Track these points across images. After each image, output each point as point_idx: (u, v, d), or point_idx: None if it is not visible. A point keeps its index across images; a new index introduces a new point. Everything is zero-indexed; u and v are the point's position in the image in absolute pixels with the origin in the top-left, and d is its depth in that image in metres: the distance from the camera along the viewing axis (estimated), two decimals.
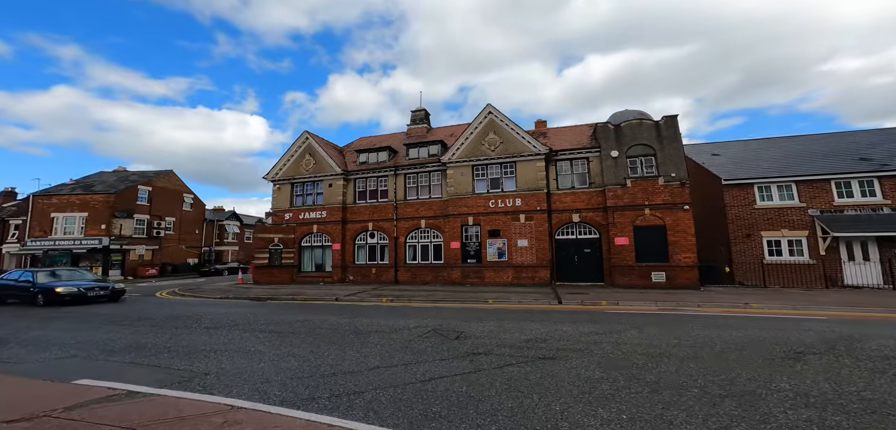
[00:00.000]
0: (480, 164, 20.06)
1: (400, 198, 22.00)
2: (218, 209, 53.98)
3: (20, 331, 8.47)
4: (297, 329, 7.95)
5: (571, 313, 9.78)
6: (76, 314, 10.90)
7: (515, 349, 6.04)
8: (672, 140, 15.88)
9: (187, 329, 8.11)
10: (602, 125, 17.55)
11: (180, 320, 9.42)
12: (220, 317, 9.72)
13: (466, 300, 12.92)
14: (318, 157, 23.65)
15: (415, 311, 10.64)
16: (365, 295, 15.23)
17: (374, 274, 21.84)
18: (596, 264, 17.41)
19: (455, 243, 19.93)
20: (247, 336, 7.31)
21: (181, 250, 41.66)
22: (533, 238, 18.26)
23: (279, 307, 12.06)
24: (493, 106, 19.94)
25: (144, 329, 8.19)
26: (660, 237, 15.49)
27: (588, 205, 17.65)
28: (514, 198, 18.92)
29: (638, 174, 16.43)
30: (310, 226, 23.26)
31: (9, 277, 14.90)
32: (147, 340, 7.14)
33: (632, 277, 15.66)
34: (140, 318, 9.83)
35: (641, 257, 15.65)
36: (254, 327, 8.16)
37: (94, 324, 9.12)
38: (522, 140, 19.12)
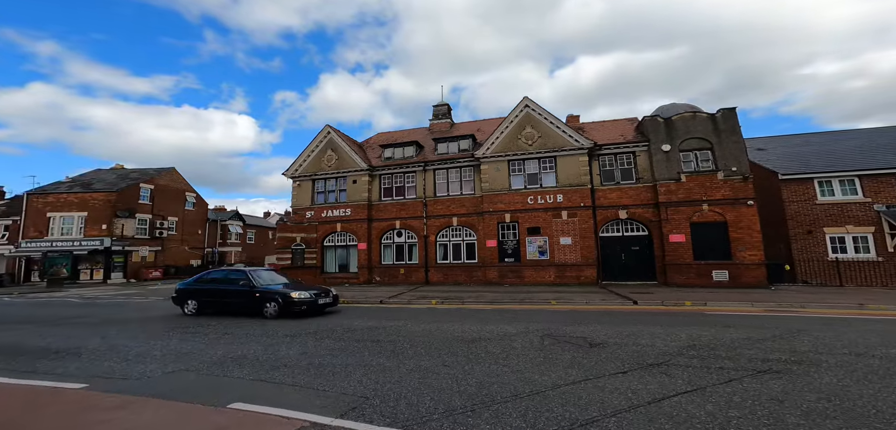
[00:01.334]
0: (517, 158, 19.10)
1: (429, 194, 20.95)
2: (219, 209, 52.29)
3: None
4: (385, 337, 6.89)
5: (669, 314, 8.83)
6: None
7: (705, 359, 5.06)
8: (731, 133, 15.09)
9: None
10: (650, 119, 16.71)
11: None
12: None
13: (524, 301, 11.95)
14: (341, 152, 22.49)
15: (483, 314, 9.62)
16: (407, 297, 14.16)
17: (402, 275, 20.75)
18: (645, 263, 16.55)
19: (491, 242, 18.94)
20: (349, 347, 6.23)
21: (184, 252, 40.08)
22: (577, 236, 17.35)
23: (335, 313, 10.96)
24: (530, 98, 19.00)
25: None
26: (720, 234, 14.68)
27: (636, 201, 16.79)
28: (555, 194, 17.99)
29: (693, 169, 15.62)
30: (333, 224, 22.08)
31: (211, 275, 11.58)
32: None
33: (689, 275, 14.83)
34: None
35: (699, 254, 14.83)
36: (341, 336, 7.08)
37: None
38: (563, 134, 18.20)
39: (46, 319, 10.45)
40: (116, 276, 31.16)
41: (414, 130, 27.11)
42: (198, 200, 42.85)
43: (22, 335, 8.02)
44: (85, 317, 10.54)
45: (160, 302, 14.60)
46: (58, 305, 14.40)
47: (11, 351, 6.55)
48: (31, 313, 11.85)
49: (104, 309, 12.55)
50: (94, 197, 31.60)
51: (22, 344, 7.09)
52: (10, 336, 7.96)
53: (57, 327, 9.03)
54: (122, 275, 31.50)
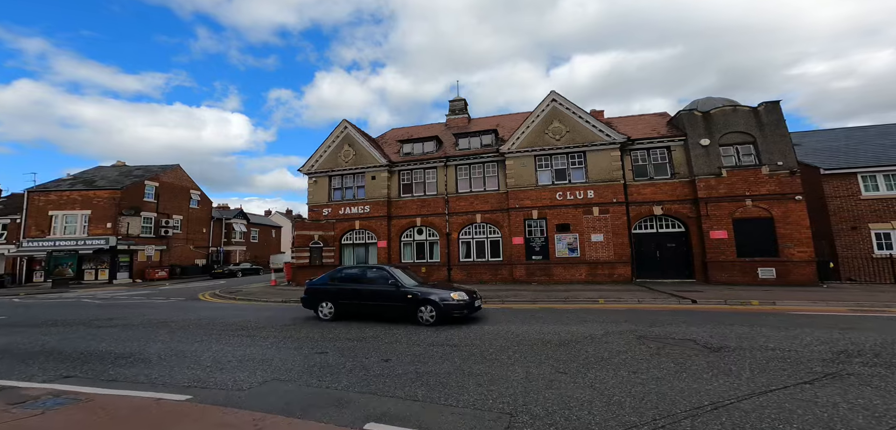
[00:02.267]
0: (544, 154, 18.49)
1: (451, 191, 20.31)
2: (222, 207, 51.43)
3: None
4: (462, 342, 6.24)
5: (750, 315, 8.15)
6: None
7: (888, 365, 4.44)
8: (775, 127, 14.55)
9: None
10: (686, 113, 16.15)
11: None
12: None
13: (568, 300, 11.34)
14: (359, 147, 21.80)
15: (541, 315, 8.99)
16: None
17: (423, 273, 20.08)
18: (682, 260, 16.01)
19: (518, 239, 18.34)
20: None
21: (189, 251, 39.28)
22: (609, 232, 16.78)
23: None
24: (557, 92, 18.41)
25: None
26: (765, 230, 14.14)
27: (672, 196, 16.23)
28: (585, 189, 17.40)
29: (733, 164, 15.07)
30: (351, 222, 21.41)
31: (346, 272, 9.81)
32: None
33: (733, 273, 14.29)
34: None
35: (743, 251, 14.29)
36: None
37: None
38: (592, 129, 17.61)
39: (77, 321, 9.74)
40: (122, 276, 30.32)
41: (431, 126, 26.43)
42: (202, 197, 42.04)
43: (68, 339, 7.35)
44: (119, 319, 9.81)
45: (195, 305, 13.89)
46: (76, 306, 13.67)
47: (72, 356, 5.92)
48: (54, 315, 11.12)
49: (132, 310, 11.82)
50: (98, 195, 30.73)
51: (77, 349, 6.46)
52: (55, 340, 7.31)
53: (99, 329, 8.38)
54: (128, 275, 30.67)
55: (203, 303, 14.07)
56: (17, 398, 4.09)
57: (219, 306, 12.72)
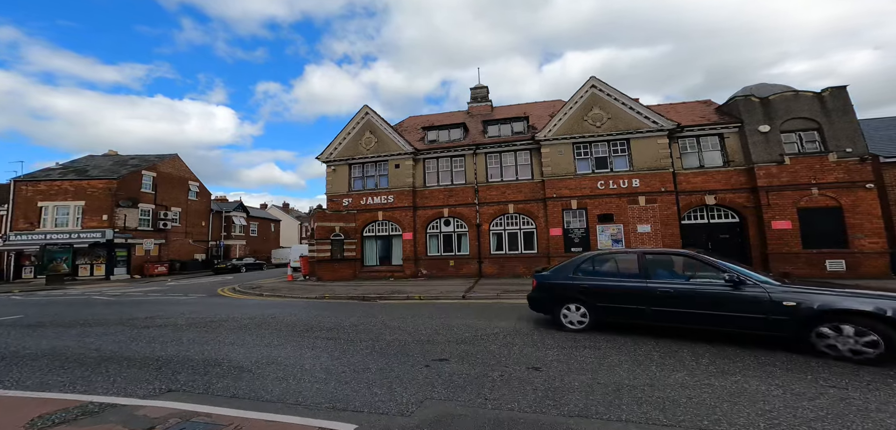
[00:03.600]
0: (583, 141, 17.50)
1: (481, 180, 19.22)
2: (220, 199, 49.48)
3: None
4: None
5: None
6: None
7: None
8: (843, 113, 13.77)
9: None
10: (742, 99, 15.28)
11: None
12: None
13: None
14: (381, 134, 20.52)
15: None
16: (482, 290, 12.48)
17: (451, 267, 19.03)
18: (737, 251, 15.20)
19: (556, 230, 17.37)
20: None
21: (188, 245, 37.53)
22: (657, 223, 15.91)
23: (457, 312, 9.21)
24: (598, 78, 17.38)
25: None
26: (833, 220, 13.41)
27: (726, 185, 15.40)
28: (630, 178, 16.48)
29: (796, 151, 14.29)
30: (374, 212, 20.17)
31: (600, 261, 6.85)
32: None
33: (797, 264, 13.52)
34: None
35: (808, 242, 13.55)
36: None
37: None
38: (637, 115, 16.65)
39: (111, 320, 8.43)
40: (119, 272, 28.58)
41: (452, 113, 25.22)
42: (201, 189, 40.20)
43: (120, 343, 6.15)
44: (160, 317, 8.51)
45: (225, 301, 12.57)
46: (91, 304, 12.25)
47: (147, 363, 4.81)
48: (78, 314, 9.75)
49: (161, 308, 10.48)
50: (92, 185, 28.81)
51: (143, 354, 5.33)
52: (106, 343, 6.10)
53: (145, 329, 7.19)
54: (126, 271, 28.93)
55: (232, 300, 12.78)
56: (137, 421, 2.97)
57: (255, 304, 11.47)
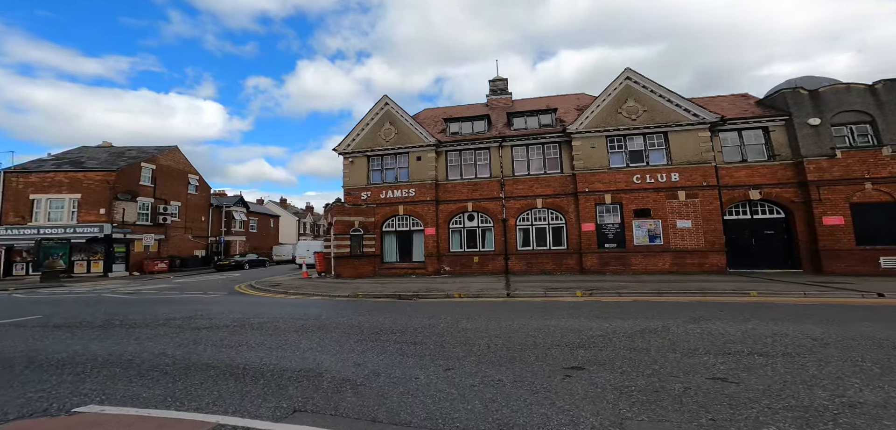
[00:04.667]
0: (618, 134, 16.91)
1: (506, 173, 18.53)
2: (220, 194, 48.03)
3: None
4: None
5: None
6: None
7: None
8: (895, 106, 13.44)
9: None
10: (789, 91, 14.85)
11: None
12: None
13: (700, 292, 9.83)
14: (401, 125, 19.69)
15: (690, 306, 7.43)
16: (522, 287, 11.82)
17: (476, 264, 18.35)
18: (783, 248, 14.84)
19: (588, 226, 16.78)
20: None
21: (187, 241, 36.27)
22: (698, 218, 15.40)
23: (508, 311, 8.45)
24: (633, 69, 16.79)
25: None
26: (888, 216, 13.06)
27: (771, 180, 14.96)
28: (669, 172, 15.95)
29: (847, 145, 13.88)
30: (394, 207, 19.37)
31: None
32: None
33: (851, 262, 13.16)
34: None
35: (862, 239, 13.18)
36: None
37: None
38: (676, 108, 16.12)
39: (149, 321, 7.54)
40: (118, 268, 27.31)
41: (473, 106, 24.46)
42: (201, 183, 38.90)
43: (181, 346, 5.38)
44: (201, 317, 7.65)
45: (252, 300, 11.65)
46: (104, 303, 11.28)
47: (232, 373, 4.08)
48: (102, 313, 8.86)
49: (190, 307, 9.57)
50: (89, 177, 27.42)
51: (215, 361, 4.61)
52: (162, 347, 5.28)
53: (195, 331, 6.37)
54: (125, 267, 27.67)
55: (259, 298, 11.91)
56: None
57: (288, 302, 10.66)
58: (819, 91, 14.25)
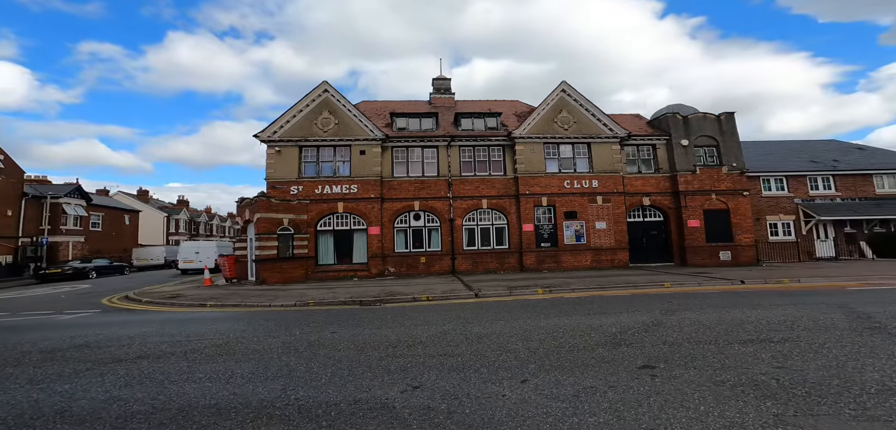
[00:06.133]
0: (552, 142, 18.95)
1: (454, 173, 18.79)
2: (41, 181, 35.06)
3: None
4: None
5: (818, 292, 9.71)
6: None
7: None
8: (731, 134, 18.59)
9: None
10: (670, 115, 19.02)
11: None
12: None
13: (617, 285, 11.82)
14: (343, 116, 17.92)
15: (638, 301, 9.10)
16: (491, 287, 12.31)
17: (422, 264, 18.10)
18: (661, 246, 18.92)
19: (528, 226, 18.34)
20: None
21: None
22: (610, 220, 18.43)
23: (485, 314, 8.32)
24: (568, 83, 19.05)
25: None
26: (724, 220, 17.98)
27: (657, 189, 18.92)
28: (591, 179, 18.64)
29: (703, 162, 18.60)
30: (332, 203, 17.50)
31: None
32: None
33: (703, 256, 17.68)
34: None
35: (709, 237, 17.85)
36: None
37: None
38: (597, 122, 18.95)
39: (43, 356, 4.73)
40: None
41: (417, 102, 23.74)
42: (6, 163, 27.95)
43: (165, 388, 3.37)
44: (88, 346, 5.06)
45: (138, 318, 8.50)
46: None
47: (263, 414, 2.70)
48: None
49: (55, 332, 6.40)
50: None
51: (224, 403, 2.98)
52: (126, 393, 3.26)
53: (98, 368, 4.09)
54: None
55: (163, 314, 8.85)
56: None
57: (218, 317, 8.11)
58: (688, 117, 18.84)
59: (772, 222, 20.46)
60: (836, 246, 20.07)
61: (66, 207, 32.57)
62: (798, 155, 23.26)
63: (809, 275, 12.90)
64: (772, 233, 20.35)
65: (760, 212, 20.39)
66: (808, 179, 20.88)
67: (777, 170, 20.86)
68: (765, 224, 20.32)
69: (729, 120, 18.96)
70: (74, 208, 33.44)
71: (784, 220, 20.51)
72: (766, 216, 20.43)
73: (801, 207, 20.36)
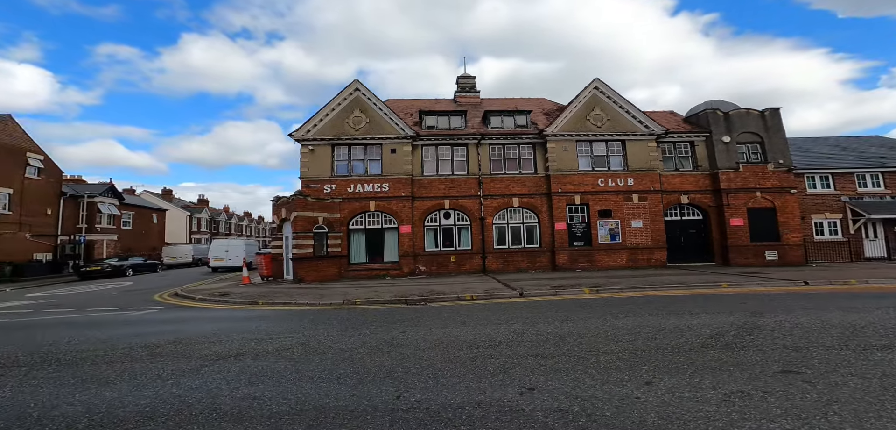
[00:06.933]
0: (585, 140, 18.54)
1: (484, 171, 18.57)
2: (76, 181, 36.41)
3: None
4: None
5: (887, 295, 9.34)
6: None
7: None
8: (777, 130, 17.84)
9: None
10: (711, 111, 18.38)
11: None
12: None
13: (667, 285, 11.44)
14: (374, 114, 17.92)
15: (706, 302, 8.70)
16: (527, 286, 12.08)
17: (453, 263, 17.95)
18: (701, 245, 18.30)
19: (561, 224, 17.99)
20: None
21: (23, 241, 26.73)
22: (647, 219, 17.92)
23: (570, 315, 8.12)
24: (600, 80, 18.61)
25: None
26: (770, 219, 17.26)
27: (696, 187, 18.32)
28: (626, 177, 18.17)
29: (746, 160, 17.91)
30: (364, 202, 17.53)
31: None
32: None
33: (747, 256, 17.00)
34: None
35: (754, 236, 17.16)
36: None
37: None
38: (632, 119, 18.45)
39: (87, 352, 4.70)
40: None
41: (442, 100, 23.66)
42: (47, 165, 29.04)
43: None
44: (181, 343, 5.12)
45: (208, 315, 8.62)
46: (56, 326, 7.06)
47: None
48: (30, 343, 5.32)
49: (140, 327, 6.54)
50: None
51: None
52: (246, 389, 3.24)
53: (212, 365, 4.13)
54: None
55: (221, 312, 9.07)
56: None
57: (273, 315, 8.21)
58: (729, 113, 18.16)
59: (817, 220, 19.55)
60: (887, 245, 19.03)
61: (101, 207, 33.71)
62: (842, 151, 22.17)
63: (870, 276, 12.19)
64: (817, 232, 19.43)
65: (805, 211, 19.47)
66: (856, 177, 19.84)
67: (822, 167, 19.91)
68: (809, 223, 19.41)
69: (774, 116, 18.20)
70: (108, 207, 34.59)
71: (830, 218, 19.57)
72: (810, 215, 19.52)
73: (848, 206, 19.38)
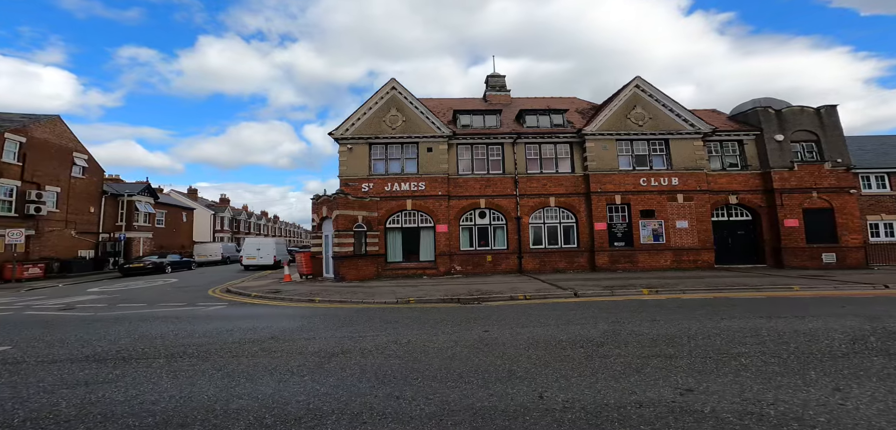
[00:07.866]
0: (625, 139, 18.06)
1: (520, 171, 18.31)
2: (114, 179, 37.84)
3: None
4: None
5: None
6: None
7: None
8: (834, 128, 16.99)
9: None
10: (761, 109, 17.64)
11: None
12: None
13: (730, 288, 10.93)
14: (410, 113, 17.91)
15: (793, 304, 8.24)
16: (580, 286, 11.77)
17: (489, 263, 17.73)
18: (750, 246, 17.56)
19: (600, 225, 17.55)
20: None
21: (69, 237, 27.80)
22: (693, 219, 17.30)
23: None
24: (642, 78, 18.10)
25: None
26: (827, 219, 16.41)
27: (745, 186, 17.59)
28: (670, 177, 17.59)
29: (800, 159, 17.10)
30: (401, 201, 17.51)
31: None
32: None
33: (802, 258, 16.20)
34: None
35: (810, 238, 16.34)
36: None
37: None
38: (676, 118, 17.86)
39: (190, 347, 4.76)
40: None
41: (473, 99, 23.55)
42: (91, 165, 30.19)
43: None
44: (276, 339, 5.14)
45: (281, 312, 8.74)
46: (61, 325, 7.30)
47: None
48: (106, 338, 5.42)
49: (223, 323, 6.61)
50: None
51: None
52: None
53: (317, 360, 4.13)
54: None
55: (287, 309, 9.20)
56: None
57: (341, 314, 8.32)
58: (782, 111, 17.37)
59: (872, 222, 18.47)
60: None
61: (138, 205, 34.88)
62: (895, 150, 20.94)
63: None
64: (873, 234, 18.37)
65: (860, 212, 18.46)
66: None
67: (879, 167, 18.83)
68: (865, 225, 18.38)
69: (830, 113, 17.32)
70: (144, 206, 35.77)
71: (887, 220, 18.47)
72: (866, 216, 18.48)
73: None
